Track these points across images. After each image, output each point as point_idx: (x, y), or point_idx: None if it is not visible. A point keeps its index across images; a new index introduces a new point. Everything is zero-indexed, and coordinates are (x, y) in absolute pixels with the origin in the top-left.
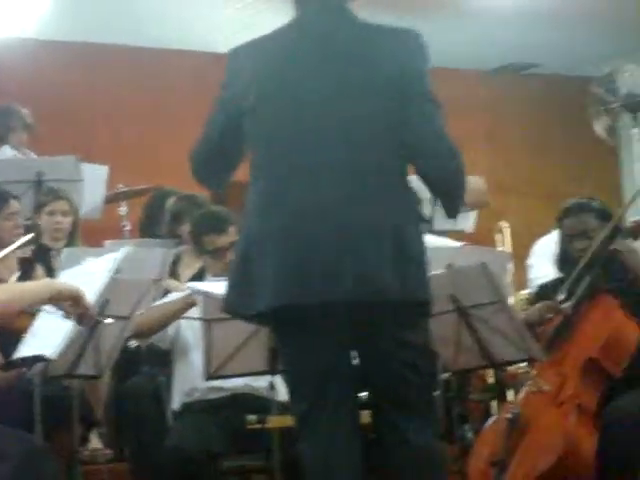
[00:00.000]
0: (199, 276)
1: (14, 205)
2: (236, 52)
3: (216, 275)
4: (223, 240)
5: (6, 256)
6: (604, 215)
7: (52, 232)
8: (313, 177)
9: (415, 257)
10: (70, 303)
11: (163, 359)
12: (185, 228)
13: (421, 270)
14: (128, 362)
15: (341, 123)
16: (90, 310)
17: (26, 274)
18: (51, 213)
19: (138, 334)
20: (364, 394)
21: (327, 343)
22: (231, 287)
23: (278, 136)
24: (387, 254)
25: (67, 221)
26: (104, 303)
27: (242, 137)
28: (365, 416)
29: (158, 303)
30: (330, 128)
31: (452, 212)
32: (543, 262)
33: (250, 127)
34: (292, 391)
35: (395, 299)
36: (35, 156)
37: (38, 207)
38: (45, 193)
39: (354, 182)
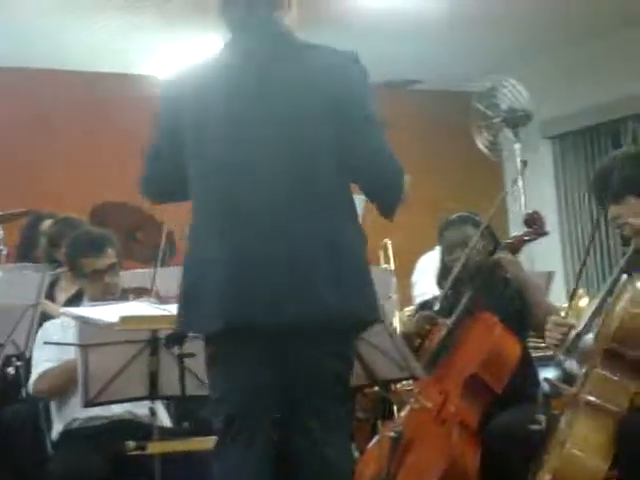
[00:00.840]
0: (76, 299)
1: None
2: (169, 81)
3: (93, 299)
4: (101, 262)
5: None
6: (485, 229)
7: None
8: (254, 208)
9: (360, 278)
10: None
11: None
12: (63, 251)
13: (368, 290)
14: (7, 389)
15: (281, 149)
16: None
17: None
18: None
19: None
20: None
21: (262, 360)
22: (180, 307)
23: (216, 166)
24: (332, 277)
25: None
26: None
27: (182, 164)
28: None
29: (54, 366)
30: (269, 156)
31: (390, 213)
32: (427, 278)
33: (188, 158)
34: (215, 409)
35: (339, 322)
36: None
37: None
38: None
39: (296, 208)
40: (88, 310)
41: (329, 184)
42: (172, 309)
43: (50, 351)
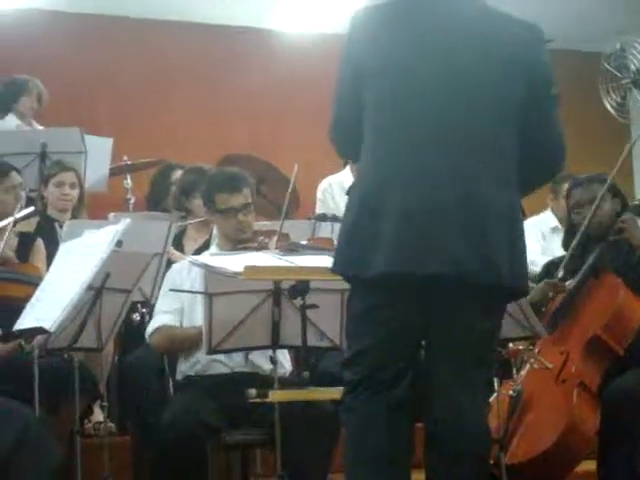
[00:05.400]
0: (204, 249)
1: (15, 177)
2: (355, 22)
3: (225, 236)
4: (236, 199)
5: (4, 228)
6: (613, 190)
7: (59, 204)
8: (436, 146)
9: (522, 248)
10: None
11: None
12: (194, 201)
13: (525, 261)
14: (131, 334)
15: (464, 105)
16: None
17: (25, 247)
18: (59, 184)
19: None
20: None
21: (416, 313)
22: (342, 247)
23: (401, 107)
24: (505, 243)
25: (74, 193)
26: (105, 276)
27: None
28: None
29: (173, 326)
30: (453, 107)
31: (529, 193)
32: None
33: (370, 97)
34: (351, 357)
35: (508, 286)
36: (40, 127)
37: (45, 179)
38: (52, 164)
39: (478, 161)
40: (214, 259)
41: (509, 151)
42: (296, 261)
43: (171, 300)
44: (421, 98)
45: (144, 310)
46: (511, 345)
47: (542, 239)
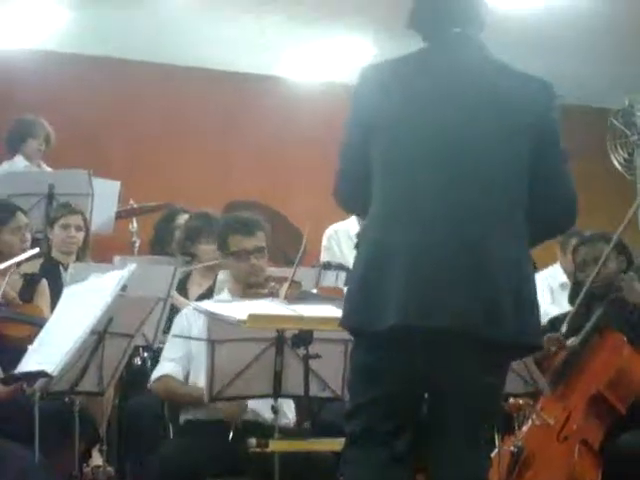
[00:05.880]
0: (208, 295)
1: (21, 219)
2: (365, 75)
3: (237, 279)
4: (249, 242)
5: (8, 269)
6: (619, 247)
7: (64, 246)
8: (444, 200)
9: (532, 302)
10: None
11: None
12: (199, 246)
13: (536, 315)
14: (133, 379)
15: (474, 159)
16: None
17: (29, 288)
18: (65, 227)
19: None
20: None
21: (420, 367)
22: (350, 301)
23: (407, 162)
24: (511, 295)
25: (80, 236)
26: (108, 321)
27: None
28: None
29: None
30: (463, 161)
31: (537, 244)
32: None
33: (377, 152)
34: (354, 409)
35: (513, 341)
36: (49, 169)
37: (51, 220)
38: (59, 207)
39: (486, 215)
40: (218, 306)
41: (517, 208)
42: (301, 309)
43: (178, 346)
44: (429, 153)
45: (146, 354)
46: (512, 400)
47: (550, 294)
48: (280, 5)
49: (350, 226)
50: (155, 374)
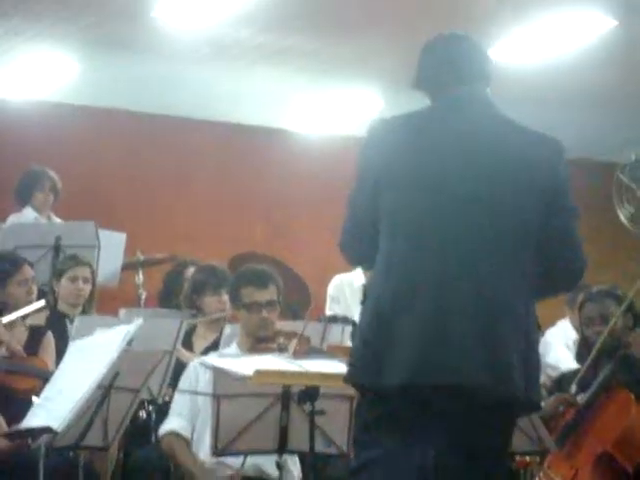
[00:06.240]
0: (213, 348)
1: (27, 271)
2: (374, 130)
3: (248, 332)
4: (262, 295)
5: (14, 322)
6: (627, 305)
7: (71, 298)
8: (452, 254)
9: (537, 361)
10: None
11: None
12: (205, 299)
13: (538, 374)
14: (137, 432)
15: (483, 217)
16: None
17: (35, 341)
18: (72, 279)
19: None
20: None
21: (427, 424)
22: (356, 357)
23: (415, 219)
24: (521, 355)
25: (87, 288)
26: (114, 375)
27: (379, 215)
28: None
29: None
30: (472, 220)
31: (543, 299)
32: (558, 349)
33: (385, 207)
34: (359, 466)
35: (522, 400)
36: (58, 220)
37: (58, 272)
38: (66, 258)
39: (495, 270)
40: (224, 361)
41: (525, 266)
42: (307, 365)
43: (186, 400)
44: (438, 207)
45: (150, 408)
46: (519, 457)
47: (568, 350)
48: (287, 58)
49: (355, 277)
50: (162, 428)
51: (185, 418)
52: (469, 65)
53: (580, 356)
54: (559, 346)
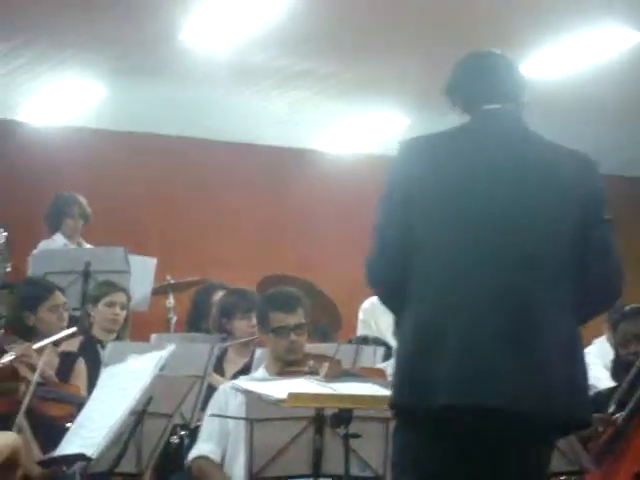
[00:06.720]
0: (244, 372)
1: (59, 297)
2: (405, 149)
3: (276, 356)
4: (290, 319)
5: (45, 348)
6: None
7: (108, 324)
8: (492, 272)
9: (583, 379)
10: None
11: None
12: (235, 323)
13: (586, 392)
14: (170, 458)
15: (522, 234)
16: None
17: (66, 367)
18: (110, 304)
19: None
20: None
21: (469, 446)
22: (399, 380)
23: (452, 238)
24: (565, 374)
25: (123, 314)
26: (147, 400)
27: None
28: None
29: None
30: (510, 238)
31: (587, 320)
32: (595, 368)
33: (419, 228)
34: None
35: (564, 421)
36: (88, 245)
37: (94, 298)
38: (102, 284)
39: (536, 288)
40: (256, 385)
41: (565, 284)
42: (339, 388)
43: (215, 424)
44: (474, 223)
45: (183, 433)
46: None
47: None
48: (311, 80)
49: None
50: (192, 453)
51: (215, 442)
52: (503, 83)
53: (616, 375)
54: (597, 365)
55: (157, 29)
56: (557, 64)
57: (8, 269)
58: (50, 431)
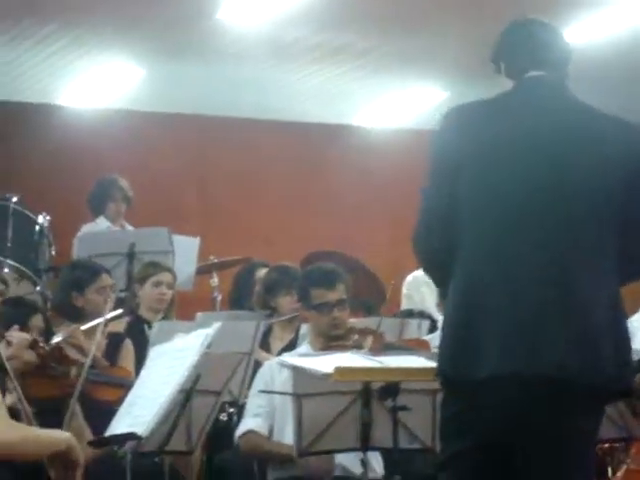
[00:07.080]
0: (289, 348)
1: (106, 279)
2: (449, 118)
3: (319, 332)
4: (331, 295)
5: (93, 329)
6: None
7: (155, 303)
8: (536, 241)
9: (627, 344)
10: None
11: None
12: (279, 299)
13: (630, 357)
14: (219, 435)
15: (566, 203)
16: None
17: (114, 348)
18: (157, 284)
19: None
20: None
21: (516, 416)
22: (445, 351)
23: (498, 206)
24: (610, 340)
25: (170, 294)
26: (195, 378)
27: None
28: None
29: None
30: (555, 206)
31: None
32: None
33: (464, 196)
34: (447, 460)
35: (613, 386)
36: (131, 227)
37: (141, 278)
38: (148, 264)
39: (578, 255)
40: (302, 360)
41: (608, 250)
42: (385, 361)
43: (261, 400)
44: (520, 193)
45: (232, 410)
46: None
47: None
48: (349, 55)
49: None
50: (240, 430)
51: (262, 418)
52: (548, 50)
53: None
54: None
55: (194, 8)
56: (598, 29)
57: (53, 252)
58: (102, 414)
